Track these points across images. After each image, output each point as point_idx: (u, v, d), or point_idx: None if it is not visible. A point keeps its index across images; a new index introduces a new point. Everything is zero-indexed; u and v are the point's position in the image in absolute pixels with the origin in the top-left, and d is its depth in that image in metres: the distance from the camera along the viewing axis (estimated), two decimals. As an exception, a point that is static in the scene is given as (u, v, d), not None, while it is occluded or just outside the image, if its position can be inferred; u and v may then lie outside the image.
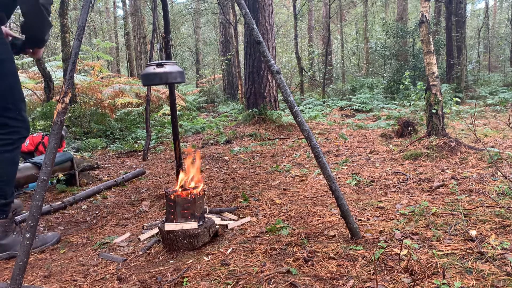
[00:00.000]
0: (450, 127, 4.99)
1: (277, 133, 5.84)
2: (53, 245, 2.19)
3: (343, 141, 4.92)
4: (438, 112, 3.60)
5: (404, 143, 4.13)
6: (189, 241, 1.91)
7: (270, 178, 3.26)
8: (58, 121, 1.42)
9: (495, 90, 9.26)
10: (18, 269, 1.32)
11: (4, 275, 1.84)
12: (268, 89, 6.37)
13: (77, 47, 1.50)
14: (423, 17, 3.61)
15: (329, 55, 13.67)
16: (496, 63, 16.86)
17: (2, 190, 2.01)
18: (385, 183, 2.89)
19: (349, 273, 1.54)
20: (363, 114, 7.83)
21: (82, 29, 1.52)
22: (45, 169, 1.39)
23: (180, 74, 2.07)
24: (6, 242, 2.02)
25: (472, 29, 19.52)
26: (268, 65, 1.94)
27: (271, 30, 6.44)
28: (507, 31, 15.64)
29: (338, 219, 2.12)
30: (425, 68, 3.64)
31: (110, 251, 2.01)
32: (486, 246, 1.68)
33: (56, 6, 11.97)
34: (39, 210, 1.37)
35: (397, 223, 2.03)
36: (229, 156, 4.43)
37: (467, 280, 1.42)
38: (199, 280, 1.58)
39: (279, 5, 21.80)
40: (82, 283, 1.67)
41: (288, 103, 1.90)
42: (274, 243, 1.88)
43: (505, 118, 5.90)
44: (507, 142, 3.96)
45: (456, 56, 9.24)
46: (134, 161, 4.76)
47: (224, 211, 2.44)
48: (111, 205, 2.88)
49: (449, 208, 2.20)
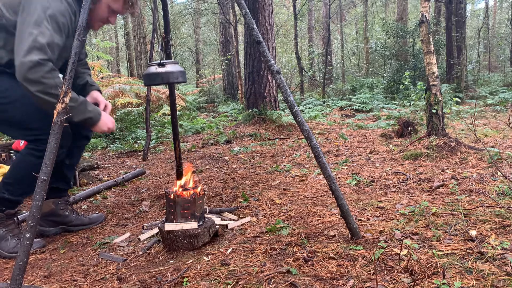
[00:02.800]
0: (450, 127, 4.99)
1: (277, 133, 5.84)
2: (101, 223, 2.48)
3: (343, 141, 4.92)
4: (438, 112, 3.60)
5: (404, 143, 4.13)
6: (189, 241, 1.91)
7: (270, 178, 3.26)
8: (58, 121, 1.42)
9: (495, 90, 9.26)
10: (18, 269, 1.32)
11: (4, 275, 1.84)
12: (268, 89, 6.37)
13: (77, 47, 1.50)
14: (423, 17, 3.60)
15: (329, 55, 13.67)
16: (496, 63, 16.86)
17: (10, 185, 2.04)
18: (385, 183, 2.89)
19: (349, 273, 1.54)
20: (363, 114, 7.83)
21: (82, 29, 1.52)
22: (45, 169, 1.39)
23: (182, 74, 2.08)
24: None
25: (472, 29, 19.52)
26: (268, 65, 1.94)
27: (271, 30, 6.44)
28: (507, 31, 15.65)
29: (338, 219, 2.12)
30: (425, 68, 3.64)
31: (110, 251, 2.01)
32: (486, 246, 1.68)
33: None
34: (39, 210, 1.37)
35: (397, 223, 2.03)
36: (229, 156, 4.43)
37: (467, 280, 1.42)
38: (199, 280, 1.58)
39: (279, 5, 21.81)
40: (82, 283, 1.67)
41: (288, 103, 1.90)
42: (274, 243, 1.88)
43: (505, 118, 5.90)
44: (507, 142, 3.96)
45: (456, 56, 9.24)
46: (134, 161, 4.76)
47: (224, 211, 2.44)
48: (111, 205, 2.88)
49: (449, 208, 2.20)
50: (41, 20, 1.79)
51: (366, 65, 16.50)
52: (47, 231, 2.31)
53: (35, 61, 1.75)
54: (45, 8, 1.81)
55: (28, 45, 1.76)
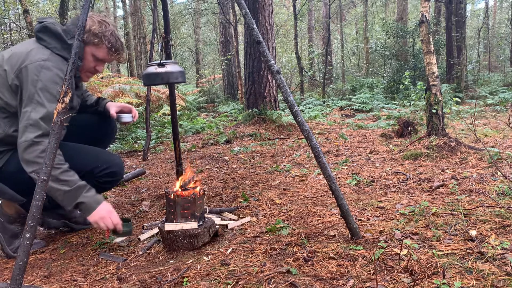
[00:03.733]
0: (450, 127, 4.99)
1: (277, 133, 5.84)
2: None
3: (343, 141, 4.92)
4: (438, 112, 3.60)
5: (404, 143, 4.13)
6: (189, 241, 1.91)
7: (270, 178, 3.26)
8: (58, 121, 1.42)
9: (495, 90, 9.26)
10: (18, 269, 1.31)
11: (4, 275, 1.84)
12: (268, 89, 6.37)
13: (77, 47, 1.50)
14: (423, 17, 3.60)
15: (329, 55, 13.67)
16: (496, 63, 16.86)
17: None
18: (385, 183, 2.89)
19: (349, 273, 1.54)
20: (363, 114, 7.83)
21: (82, 29, 1.52)
22: (45, 169, 1.39)
23: (181, 74, 2.08)
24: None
25: (472, 29, 19.52)
26: (268, 65, 1.94)
27: (271, 30, 6.44)
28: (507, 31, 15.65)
29: (338, 219, 2.12)
30: (425, 68, 3.64)
31: (110, 251, 2.01)
32: (486, 246, 1.68)
33: (56, 5, 11.97)
34: (39, 210, 1.37)
35: (397, 223, 2.03)
36: (229, 156, 4.43)
37: (467, 280, 1.42)
38: (199, 280, 1.58)
39: (279, 5, 21.81)
40: (82, 283, 1.67)
41: (288, 103, 1.90)
42: (274, 243, 1.88)
43: (505, 118, 5.90)
44: (507, 142, 3.96)
45: (456, 56, 9.24)
46: (134, 161, 4.76)
47: (224, 211, 2.44)
48: (111, 205, 2.88)
49: (449, 208, 2.20)
50: (32, 95, 1.76)
51: (366, 65, 16.49)
52: (50, 223, 2.31)
53: (30, 140, 1.73)
54: (34, 82, 1.76)
55: (23, 124, 1.75)
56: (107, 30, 1.95)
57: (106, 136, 2.42)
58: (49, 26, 1.88)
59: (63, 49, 1.89)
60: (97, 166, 2.07)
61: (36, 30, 1.91)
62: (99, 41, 1.94)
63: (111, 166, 2.11)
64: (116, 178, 2.19)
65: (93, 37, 1.93)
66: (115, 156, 2.24)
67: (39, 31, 1.90)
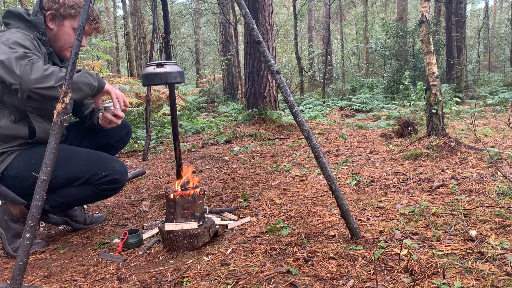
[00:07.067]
0: (450, 127, 4.99)
1: (277, 133, 5.84)
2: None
3: (343, 141, 4.92)
4: (438, 112, 3.60)
5: (404, 143, 4.13)
6: (189, 241, 1.91)
7: (270, 178, 3.26)
8: (58, 121, 1.42)
9: (495, 90, 9.26)
10: (18, 269, 1.31)
11: (4, 275, 1.84)
12: (268, 89, 6.37)
13: (77, 47, 1.50)
14: (423, 17, 3.60)
15: (329, 55, 13.67)
16: (496, 63, 16.86)
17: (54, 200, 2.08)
18: (385, 183, 2.89)
19: (349, 273, 1.54)
20: (363, 114, 7.83)
21: (82, 29, 1.52)
22: (45, 169, 1.39)
23: (180, 74, 2.07)
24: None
25: (472, 29, 19.52)
26: (268, 65, 1.94)
27: (271, 30, 6.44)
28: (507, 31, 15.65)
29: (338, 219, 2.12)
30: (425, 68, 3.64)
31: (110, 251, 2.01)
32: (486, 246, 1.68)
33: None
34: (39, 210, 1.37)
35: (397, 223, 2.03)
36: (229, 156, 4.43)
37: (467, 280, 1.42)
38: (199, 280, 1.58)
39: (279, 5, 21.81)
40: (82, 283, 1.67)
41: (288, 103, 1.90)
42: (274, 243, 1.88)
43: (505, 118, 5.90)
44: (507, 142, 3.96)
45: (456, 56, 9.24)
46: (134, 161, 4.76)
47: (224, 211, 2.44)
48: (111, 205, 2.88)
49: (449, 208, 2.20)
50: (4, 48, 1.74)
51: (366, 65, 16.50)
52: (50, 218, 2.31)
53: (20, 55, 1.69)
54: (5, 41, 1.76)
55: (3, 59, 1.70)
56: (80, 1, 1.99)
57: (119, 141, 2.42)
58: (11, 10, 1.95)
59: (27, 28, 1.93)
60: (96, 173, 2.03)
61: (1, 17, 1.97)
62: (75, 12, 1.99)
63: (111, 173, 2.06)
64: (117, 186, 2.12)
65: (69, 9, 1.98)
66: (118, 162, 2.15)
67: (4, 16, 1.96)
